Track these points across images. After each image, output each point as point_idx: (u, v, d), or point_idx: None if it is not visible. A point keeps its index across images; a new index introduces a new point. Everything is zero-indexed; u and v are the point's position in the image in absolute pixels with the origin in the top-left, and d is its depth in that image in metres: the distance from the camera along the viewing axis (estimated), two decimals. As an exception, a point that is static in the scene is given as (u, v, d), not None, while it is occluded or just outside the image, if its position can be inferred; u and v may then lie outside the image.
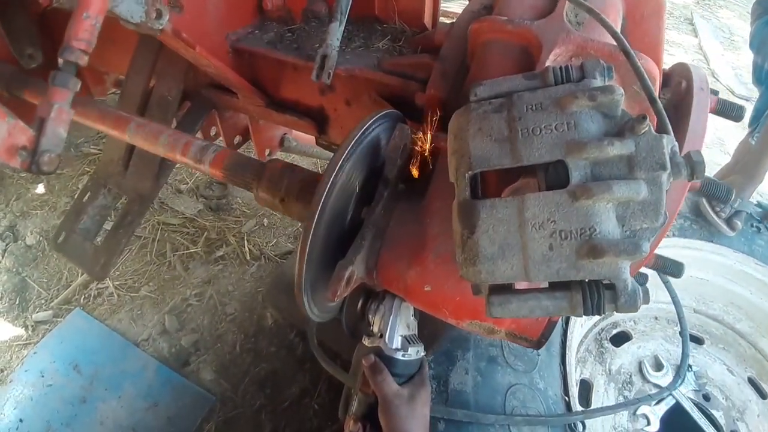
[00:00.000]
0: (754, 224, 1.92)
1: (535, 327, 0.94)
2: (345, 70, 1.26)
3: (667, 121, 0.74)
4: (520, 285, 0.77)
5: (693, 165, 0.70)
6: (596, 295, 0.69)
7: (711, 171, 2.38)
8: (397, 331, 1.11)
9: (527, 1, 1.00)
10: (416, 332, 1.17)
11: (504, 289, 0.72)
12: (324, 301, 1.04)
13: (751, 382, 1.89)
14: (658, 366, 1.87)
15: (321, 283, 0.99)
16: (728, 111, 1.12)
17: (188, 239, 2.41)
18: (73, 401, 2.08)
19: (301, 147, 1.89)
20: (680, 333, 1.88)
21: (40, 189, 2.60)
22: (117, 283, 2.30)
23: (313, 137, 1.55)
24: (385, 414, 1.01)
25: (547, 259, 0.67)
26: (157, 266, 2.34)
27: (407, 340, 1.12)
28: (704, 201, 1.85)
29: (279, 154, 1.85)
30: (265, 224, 2.49)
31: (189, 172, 2.64)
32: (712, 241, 1.88)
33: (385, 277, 1.01)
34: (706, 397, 1.83)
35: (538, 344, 0.97)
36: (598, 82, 0.74)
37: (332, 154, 0.95)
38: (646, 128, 0.68)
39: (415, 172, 1.09)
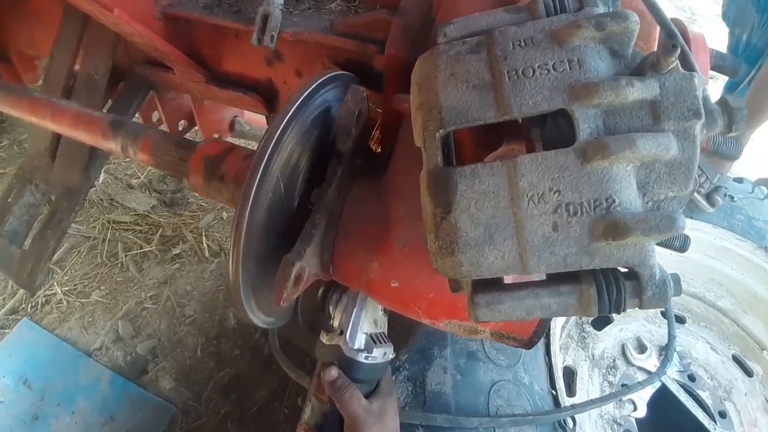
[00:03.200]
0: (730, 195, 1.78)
1: (526, 324, 0.75)
2: (292, 34, 1.04)
3: (693, 58, 0.54)
4: (508, 276, 0.57)
5: (731, 112, 0.51)
6: (614, 288, 0.50)
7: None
8: (360, 327, 0.90)
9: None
10: (385, 330, 0.97)
11: (492, 285, 0.53)
12: (272, 304, 0.83)
13: (736, 359, 1.76)
14: (642, 348, 1.73)
15: (267, 282, 0.78)
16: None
17: (141, 238, 2.14)
18: (25, 419, 1.85)
19: (255, 131, 1.65)
20: (662, 314, 1.74)
21: (-15, 195, 2.30)
22: (66, 288, 2.03)
23: (262, 120, 1.33)
24: None
25: (550, 243, 0.48)
26: (108, 268, 2.07)
27: (372, 339, 0.92)
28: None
29: (230, 140, 1.62)
30: (225, 218, 2.24)
31: (140, 165, 2.36)
32: (691, 217, 1.74)
33: (343, 272, 0.80)
34: (692, 378, 1.70)
35: (529, 344, 0.78)
36: (600, 10, 0.54)
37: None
38: (674, 64, 0.49)
39: (375, 146, 0.89)
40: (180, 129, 1.54)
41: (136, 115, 1.44)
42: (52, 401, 1.87)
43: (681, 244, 0.77)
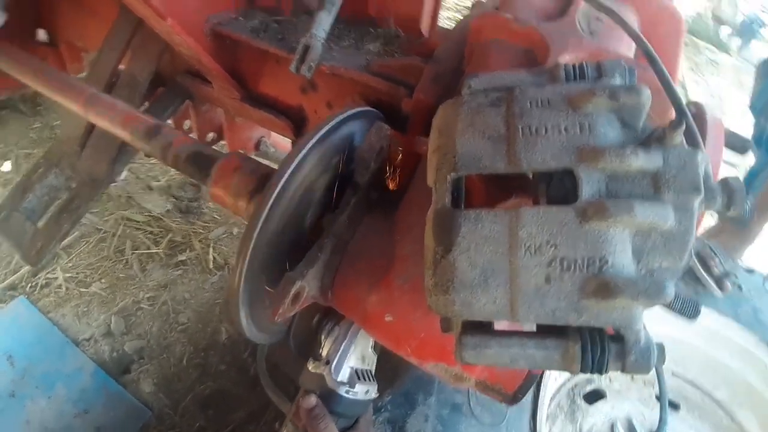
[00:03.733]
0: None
1: (512, 379, 0.75)
2: (329, 67, 1.10)
3: (699, 137, 0.57)
4: (501, 324, 0.58)
5: (730, 192, 0.54)
6: (599, 348, 0.51)
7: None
8: (347, 361, 0.92)
9: (536, 3, 0.85)
10: (373, 369, 0.98)
11: (481, 329, 0.54)
12: (266, 319, 0.85)
13: (727, 456, 1.70)
14: (631, 429, 1.68)
15: (266, 297, 0.80)
16: (734, 142, 0.98)
17: (151, 239, 2.18)
18: (2, 394, 1.84)
19: (278, 153, 1.71)
20: (657, 397, 1.70)
21: (6, 166, 2.37)
22: (68, 275, 2.06)
23: (289, 145, 1.38)
24: None
25: (541, 295, 0.49)
26: (113, 263, 2.10)
27: (357, 375, 0.93)
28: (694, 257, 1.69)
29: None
30: (235, 233, 2.27)
31: (162, 169, 2.42)
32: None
33: (341, 300, 0.82)
34: (679, 469, 1.64)
35: (513, 399, 0.77)
36: (618, 82, 0.58)
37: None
38: (679, 139, 0.51)
39: (392, 184, 0.92)
40: (208, 140, 1.60)
41: (169, 121, 1.51)
42: (31, 382, 1.86)
43: (692, 313, 0.78)
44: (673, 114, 0.79)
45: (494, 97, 0.58)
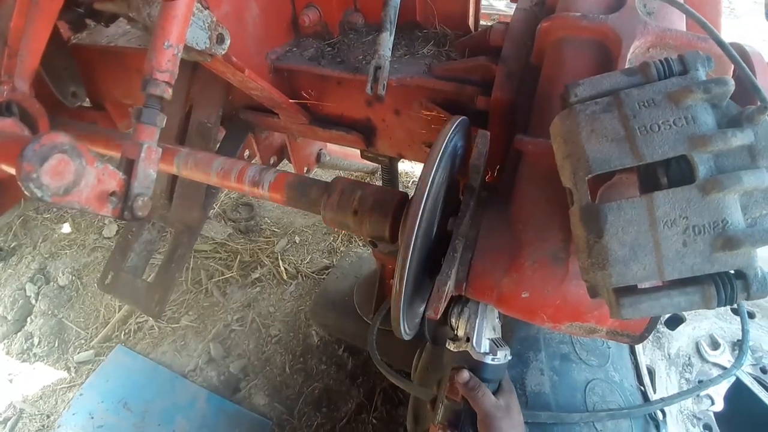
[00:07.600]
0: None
1: (639, 322, 0.94)
2: (396, 80, 1.26)
3: (775, 104, 0.74)
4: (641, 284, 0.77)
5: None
6: (729, 286, 0.69)
7: None
8: (484, 334, 1.11)
9: (593, -3, 1.01)
10: (501, 335, 1.17)
11: (632, 290, 0.72)
12: (412, 319, 1.04)
13: (808, 352, 1.89)
14: (715, 345, 1.88)
15: (411, 301, 0.99)
16: None
17: (222, 264, 2.39)
18: (128, 440, 2.07)
19: (334, 161, 1.88)
20: (733, 310, 1.89)
21: (66, 228, 2.58)
22: (155, 315, 2.29)
23: (340, 150, 1.55)
24: (488, 429, 1.01)
25: (681, 256, 0.68)
26: (194, 294, 2.33)
27: (495, 344, 1.12)
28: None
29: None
30: (297, 242, 2.48)
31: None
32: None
33: (476, 287, 1.00)
34: (764, 370, 1.84)
35: (640, 338, 0.97)
36: (701, 73, 0.74)
37: (373, 165, 0.94)
38: (764, 117, 0.69)
39: (488, 177, 1.09)
40: (271, 163, 1.78)
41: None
42: (152, 422, 2.08)
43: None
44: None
45: (604, 103, 0.75)
